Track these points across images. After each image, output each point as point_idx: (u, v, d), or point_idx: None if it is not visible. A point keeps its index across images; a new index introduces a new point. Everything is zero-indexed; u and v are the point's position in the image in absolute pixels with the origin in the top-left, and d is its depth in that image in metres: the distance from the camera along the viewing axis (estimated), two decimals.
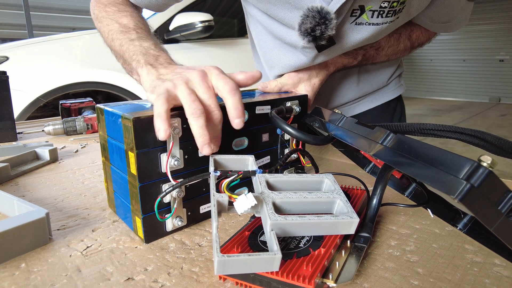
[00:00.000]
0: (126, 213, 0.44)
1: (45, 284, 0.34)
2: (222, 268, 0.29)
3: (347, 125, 0.47)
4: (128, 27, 0.59)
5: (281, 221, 0.32)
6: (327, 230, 0.35)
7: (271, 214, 0.33)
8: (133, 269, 0.36)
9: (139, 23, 0.61)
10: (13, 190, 0.59)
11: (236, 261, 0.29)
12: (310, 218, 0.33)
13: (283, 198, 0.35)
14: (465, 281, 0.34)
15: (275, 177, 0.39)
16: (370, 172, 0.63)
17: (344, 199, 0.36)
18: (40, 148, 0.75)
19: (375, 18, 0.60)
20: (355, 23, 0.61)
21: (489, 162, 0.29)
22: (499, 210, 0.30)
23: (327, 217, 0.33)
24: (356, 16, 0.60)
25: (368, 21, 0.61)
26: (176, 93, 0.40)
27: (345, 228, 0.35)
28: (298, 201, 0.36)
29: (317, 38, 0.57)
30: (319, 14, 0.55)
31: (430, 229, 0.44)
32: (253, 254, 0.29)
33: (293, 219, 0.32)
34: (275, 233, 0.32)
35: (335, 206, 0.37)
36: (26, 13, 4.44)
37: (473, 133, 0.40)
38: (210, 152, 0.39)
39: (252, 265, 0.30)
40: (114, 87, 2.23)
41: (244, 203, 0.33)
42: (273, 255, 0.29)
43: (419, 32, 0.77)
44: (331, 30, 0.56)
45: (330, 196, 0.37)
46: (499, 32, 7.42)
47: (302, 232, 0.34)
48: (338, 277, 0.32)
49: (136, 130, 0.38)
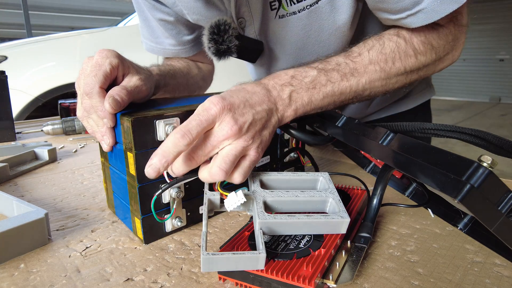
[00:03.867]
0: (125, 214, 0.44)
1: (44, 285, 0.34)
2: (208, 265, 0.30)
3: (347, 125, 0.46)
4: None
5: (269, 220, 0.32)
6: (317, 230, 0.35)
7: (260, 213, 0.33)
8: (133, 269, 0.36)
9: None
10: (12, 190, 0.58)
11: (221, 259, 0.30)
12: (299, 217, 0.33)
13: (275, 197, 0.35)
14: (466, 281, 0.34)
15: (268, 175, 0.39)
16: (370, 172, 0.63)
17: (337, 198, 0.36)
18: (39, 148, 0.75)
19: (293, 6, 0.56)
20: (278, 16, 0.59)
21: (489, 162, 0.29)
22: (499, 210, 0.29)
23: (316, 217, 0.33)
24: (276, 8, 0.57)
25: (288, 11, 0.57)
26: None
27: (335, 228, 0.35)
28: (289, 200, 0.36)
29: (224, 52, 0.56)
30: (211, 28, 0.54)
31: (430, 229, 0.44)
32: (238, 253, 0.30)
33: (282, 218, 0.32)
34: (263, 232, 0.32)
35: (328, 205, 0.37)
36: (25, 12, 4.43)
37: (474, 133, 0.40)
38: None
39: (236, 263, 0.30)
40: None
41: (233, 200, 0.33)
42: (258, 254, 0.30)
43: (410, 31, 0.51)
44: (231, 37, 0.54)
45: (323, 195, 0.37)
46: (499, 32, 7.42)
47: (291, 231, 0.34)
48: (338, 278, 0.32)
49: (135, 130, 0.38)
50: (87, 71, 0.43)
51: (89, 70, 0.42)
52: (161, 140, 0.40)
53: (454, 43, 0.53)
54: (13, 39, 2.67)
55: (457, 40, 0.53)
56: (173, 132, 0.34)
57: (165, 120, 0.39)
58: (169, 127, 0.39)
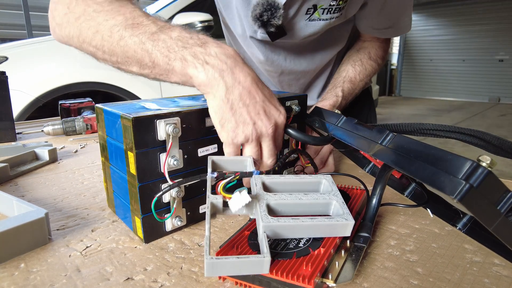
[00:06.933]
0: (126, 213, 0.44)
1: (44, 284, 0.34)
2: (212, 270, 0.29)
3: (346, 125, 0.47)
4: (138, 17, 0.45)
5: (273, 223, 0.32)
6: (321, 232, 0.35)
7: (263, 216, 0.32)
8: (133, 269, 0.36)
9: (142, 10, 0.47)
10: (12, 190, 0.58)
11: (225, 263, 0.29)
12: (303, 220, 0.33)
13: (278, 199, 0.35)
14: (465, 280, 0.34)
15: (271, 178, 0.39)
16: (370, 172, 0.63)
17: (340, 201, 0.36)
18: (39, 148, 0.75)
19: (325, 14, 0.70)
20: (309, 20, 0.71)
21: (488, 162, 0.29)
22: (498, 210, 0.30)
23: (321, 219, 0.33)
24: (310, 14, 0.70)
25: (320, 17, 0.71)
26: (245, 146, 0.43)
27: (339, 230, 0.34)
28: (293, 202, 0.35)
29: (265, 23, 0.67)
30: (267, 2, 0.66)
31: (429, 228, 0.44)
32: (242, 257, 0.29)
33: (286, 221, 0.32)
34: (267, 235, 0.32)
35: (331, 207, 0.37)
36: (26, 13, 4.43)
37: (473, 133, 0.40)
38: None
39: (241, 267, 0.30)
40: (113, 87, 2.23)
41: (238, 201, 0.32)
42: (262, 258, 0.29)
43: (373, 49, 0.84)
44: (277, 19, 0.66)
45: (326, 198, 0.36)
46: (498, 32, 7.43)
47: (295, 234, 0.34)
48: (338, 277, 0.32)
49: (136, 129, 0.38)
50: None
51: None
52: (161, 139, 0.40)
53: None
54: (13, 39, 2.67)
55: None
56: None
57: (166, 119, 0.39)
58: (169, 126, 0.39)
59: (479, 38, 7.66)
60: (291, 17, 0.70)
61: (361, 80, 0.80)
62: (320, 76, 0.92)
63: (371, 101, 1.06)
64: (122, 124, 0.40)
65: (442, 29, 8.27)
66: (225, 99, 0.40)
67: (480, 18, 7.46)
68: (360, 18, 0.79)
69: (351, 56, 0.83)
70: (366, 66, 0.81)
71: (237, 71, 0.40)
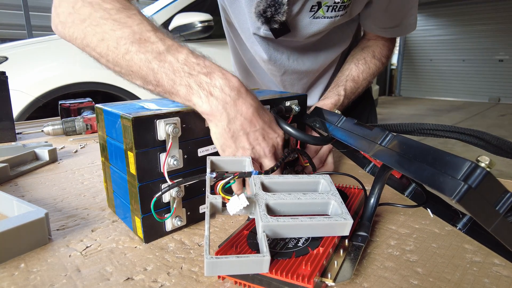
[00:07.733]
0: (126, 213, 0.44)
1: (44, 284, 0.34)
2: (211, 269, 0.29)
3: (346, 125, 0.47)
4: (145, 31, 0.43)
5: (272, 222, 0.32)
6: (320, 232, 0.35)
7: (263, 216, 0.33)
8: (133, 269, 0.36)
9: (150, 21, 0.46)
10: (12, 190, 0.59)
11: (225, 262, 0.29)
12: (302, 219, 0.33)
13: (277, 199, 0.35)
14: (465, 280, 0.34)
15: (270, 178, 0.39)
16: (370, 172, 0.63)
17: (339, 200, 0.36)
18: (39, 148, 0.75)
19: (329, 12, 0.69)
20: (313, 17, 0.70)
21: (487, 162, 0.29)
22: (497, 211, 0.30)
23: (319, 219, 0.33)
24: (314, 11, 0.70)
25: (324, 15, 0.70)
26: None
27: (338, 230, 0.35)
28: (292, 202, 0.35)
29: (269, 20, 0.67)
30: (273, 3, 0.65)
31: (429, 228, 0.44)
32: (242, 256, 0.30)
33: (285, 221, 0.32)
34: (266, 234, 0.32)
35: (330, 207, 0.37)
36: (26, 13, 4.44)
37: (473, 133, 0.40)
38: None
39: (241, 266, 0.30)
40: (113, 87, 2.23)
41: (236, 204, 0.33)
42: (262, 257, 0.30)
43: (378, 48, 0.83)
44: (281, 15, 0.66)
45: (325, 197, 0.37)
46: (498, 32, 7.43)
47: (295, 233, 0.34)
48: (337, 276, 0.32)
49: (136, 129, 0.38)
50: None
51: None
52: (161, 139, 0.40)
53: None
54: (13, 39, 2.67)
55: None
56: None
57: (166, 119, 0.39)
58: (169, 126, 0.39)
59: (479, 38, 7.66)
60: (295, 13, 0.69)
61: (364, 79, 0.79)
62: (323, 76, 0.91)
63: (372, 101, 1.05)
64: (122, 124, 0.40)
65: (442, 29, 8.27)
66: (227, 129, 0.42)
67: (480, 18, 7.47)
68: (365, 17, 0.78)
69: (355, 55, 0.82)
70: (370, 65, 0.80)
71: (239, 103, 0.42)
